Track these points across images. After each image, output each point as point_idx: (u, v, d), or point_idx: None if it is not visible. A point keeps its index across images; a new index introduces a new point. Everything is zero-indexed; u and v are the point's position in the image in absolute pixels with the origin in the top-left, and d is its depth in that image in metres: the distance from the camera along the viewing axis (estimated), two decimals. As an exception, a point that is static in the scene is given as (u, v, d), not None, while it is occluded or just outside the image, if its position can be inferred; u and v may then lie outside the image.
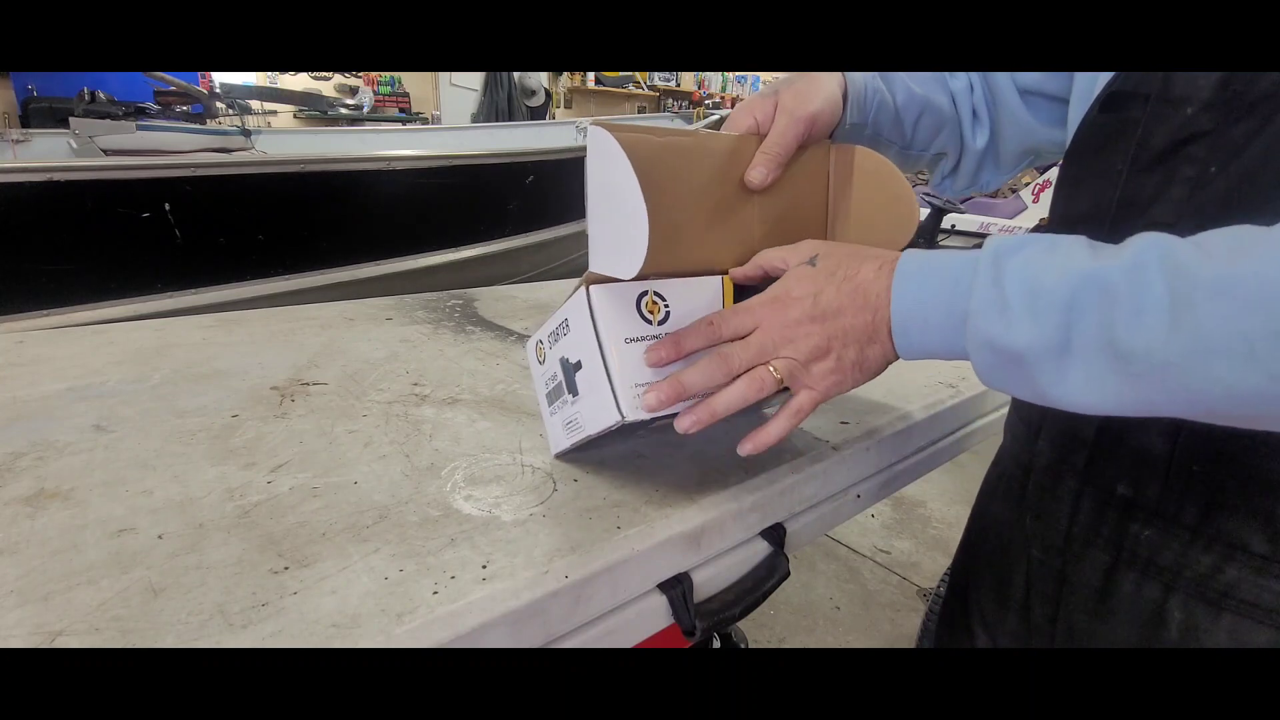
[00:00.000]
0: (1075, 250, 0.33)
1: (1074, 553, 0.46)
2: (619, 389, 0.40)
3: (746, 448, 0.42)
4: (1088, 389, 0.32)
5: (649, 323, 0.42)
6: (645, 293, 0.42)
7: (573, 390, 0.45)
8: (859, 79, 0.53)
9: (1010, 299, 0.33)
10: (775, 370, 0.40)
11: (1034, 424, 0.50)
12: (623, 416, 0.40)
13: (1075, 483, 0.46)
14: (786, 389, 0.41)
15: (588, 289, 0.41)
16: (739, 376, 0.40)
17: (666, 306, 0.43)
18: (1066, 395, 0.33)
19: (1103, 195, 0.44)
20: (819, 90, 0.48)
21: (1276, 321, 0.27)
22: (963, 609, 0.59)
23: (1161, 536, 0.41)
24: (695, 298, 0.44)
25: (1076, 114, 0.48)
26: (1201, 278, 0.28)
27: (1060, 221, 0.49)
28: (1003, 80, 0.56)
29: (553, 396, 0.47)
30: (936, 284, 0.37)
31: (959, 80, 0.59)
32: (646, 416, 0.41)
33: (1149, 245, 0.31)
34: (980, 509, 0.60)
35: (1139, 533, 0.42)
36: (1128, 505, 0.43)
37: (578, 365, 0.43)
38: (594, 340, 0.41)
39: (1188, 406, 0.30)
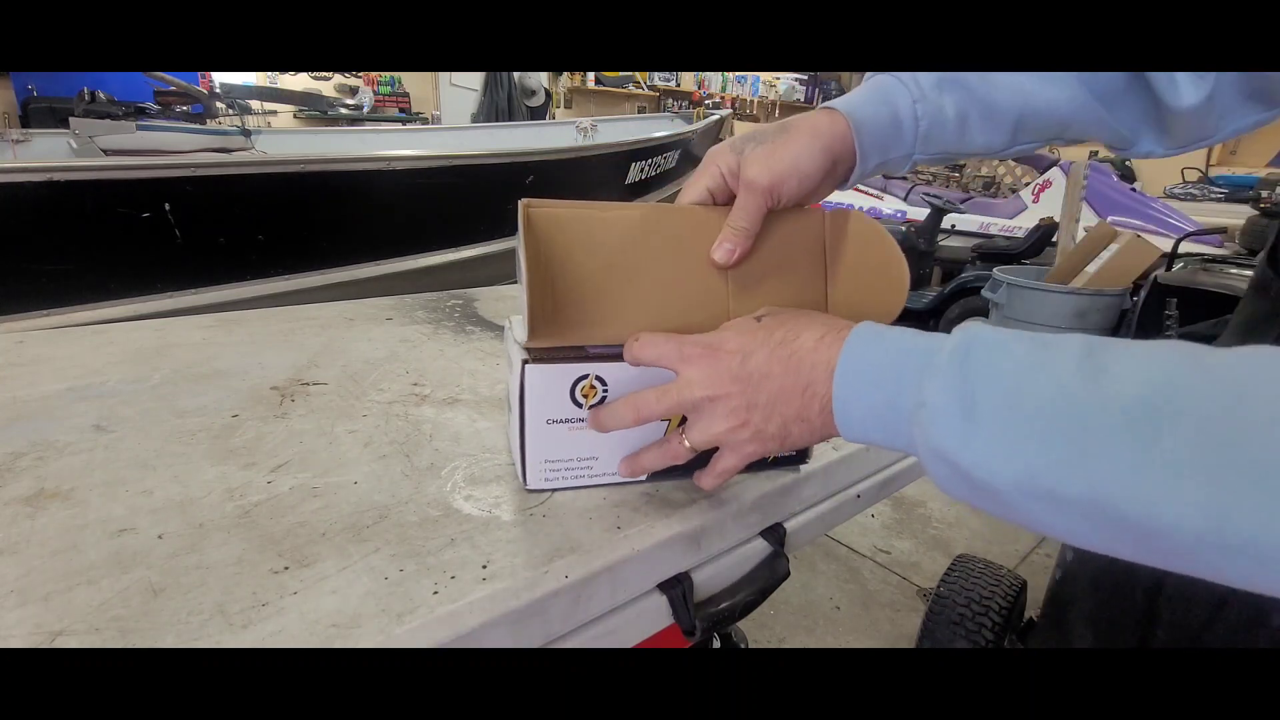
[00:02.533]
0: (1068, 362, 0.27)
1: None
2: (529, 462, 0.43)
3: (703, 483, 0.42)
4: (1070, 532, 0.28)
5: (579, 406, 0.43)
6: (585, 376, 0.42)
7: (509, 410, 0.46)
8: (883, 108, 0.45)
9: (978, 407, 0.28)
10: (687, 442, 0.39)
11: None
12: (526, 485, 0.44)
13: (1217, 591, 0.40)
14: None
15: (524, 366, 0.41)
16: (665, 440, 0.41)
17: (605, 390, 0.42)
18: (1047, 532, 0.29)
19: None
20: (788, 151, 0.42)
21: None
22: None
23: None
24: (641, 382, 0.42)
25: None
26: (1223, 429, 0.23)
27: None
28: None
29: (508, 392, 0.48)
30: (884, 364, 0.32)
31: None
32: (548, 489, 0.45)
33: (1174, 383, 0.25)
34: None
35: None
36: None
37: (510, 408, 0.45)
38: (518, 408, 0.42)
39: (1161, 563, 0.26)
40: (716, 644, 0.92)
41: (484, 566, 0.37)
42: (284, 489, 0.43)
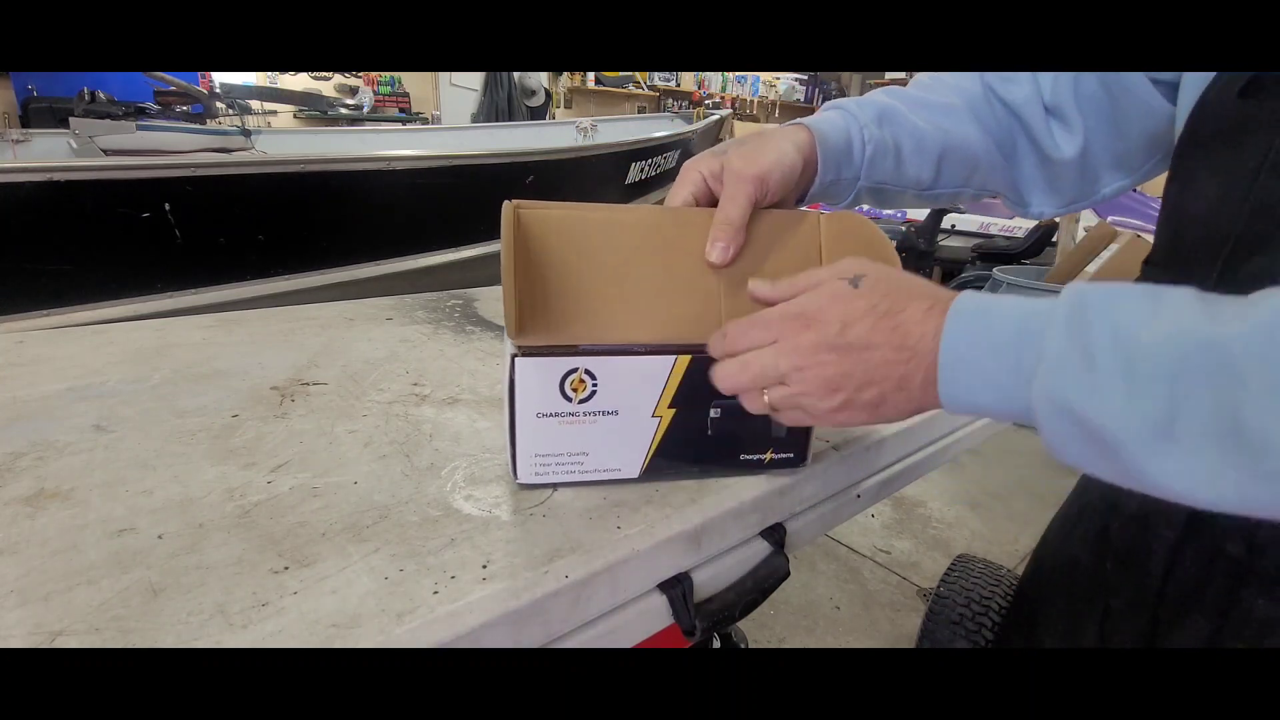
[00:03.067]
0: (1184, 306, 0.27)
1: (1167, 614, 0.40)
2: (519, 455, 0.43)
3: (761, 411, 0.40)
4: (1196, 482, 0.26)
5: (569, 400, 0.43)
6: (574, 370, 0.42)
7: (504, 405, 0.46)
8: (838, 130, 0.49)
9: (1097, 355, 0.27)
10: (766, 397, 0.38)
11: None
12: (517, 479, 0.44)
13: (1172, 534, 0.40)
14: None
15: (513, 359, 0.41)
16: (751, 394, 0.39)
17: (594, 384, 0.43)
18: (1168, 485, 0.27)
19: (1228, 196, 0.37)
20: (770, 149, 0.45)
21: None
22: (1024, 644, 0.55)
23: None
24: (631, 376, 0.43)
25: (1192, 94, 0.41)
26: None
27: (1169, 222, 0.43)
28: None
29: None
30: (999, 327, 0.31)
31: (1019, 88, 0.52)
32: (538, 483, 0.45)
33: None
34: (1054, 540, 0.55)
35: (1252, 600, 0.36)
36: (1239, 568, 0.37)
37: (504, 403, 0.45)
38: (509, 402, 0.42)
39: None
40: (716, 644, 0.92)
41: (484, 566, 0.37)
42: (284, 489, 0.43)
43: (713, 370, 0.41)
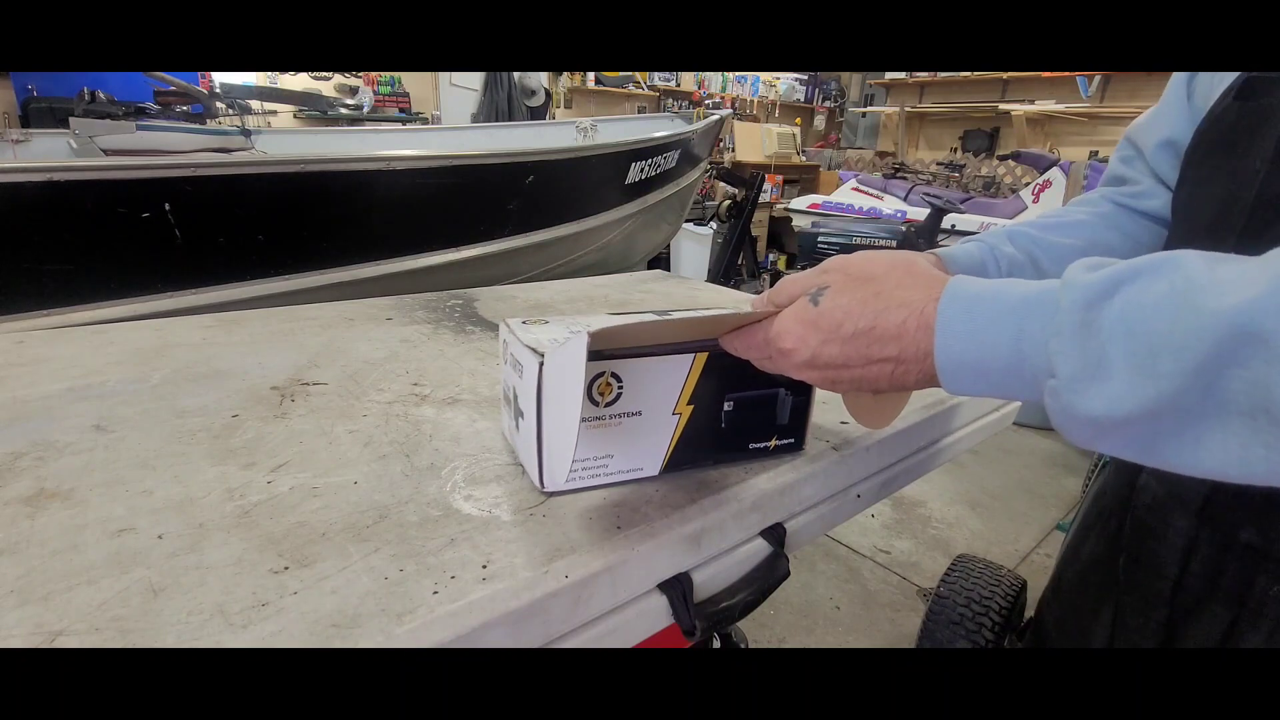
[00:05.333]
0: (1197, 279, 0.26)
1: (1185, 605, 0.40)
2: (548, 463, 0.43)
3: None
4: (1228, 459, 0.25)
5: (596, 404, 0.42)
6: (602, 373, 0.42)
7: (516, 414, 0.46)
8: (969, 254, 0.48)
9: (1111, 360, 0.26)
10: (773, 369, 0.40)
11: None
12: (544, 488, 0.44)
13: (1188, 524, 0.40)
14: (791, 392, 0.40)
15: (541, 366, 0.40)
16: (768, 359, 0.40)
17: (620, 387, 0.43)
18: (1197, 464, 0.26)
19: (1236, 195, 0.37)
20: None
21: None
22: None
23: None
24: (654, 376, 0.43)
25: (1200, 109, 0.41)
26: None
27: (1182, 233, 0.43)
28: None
29: (504, 395, 0.49)
30: (996, 325, 0.30)
31: (1152, 201, 0.51)
32: (567, 489, 0.44)
33: None
34: (1075, 544, 0.54)
35: (1268, 588, 0.36)
36: (1254, 555, 0.37)
37: (520, 413, 0.44)
38: (535, 410, 0.42)
39: None
40: (716, 644, 0.92)
41: (484, 566, 0.37)
42: (284, 489, 0.43)
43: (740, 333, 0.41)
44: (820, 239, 4.46)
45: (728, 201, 4.22)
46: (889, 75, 5.77)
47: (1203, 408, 0.25)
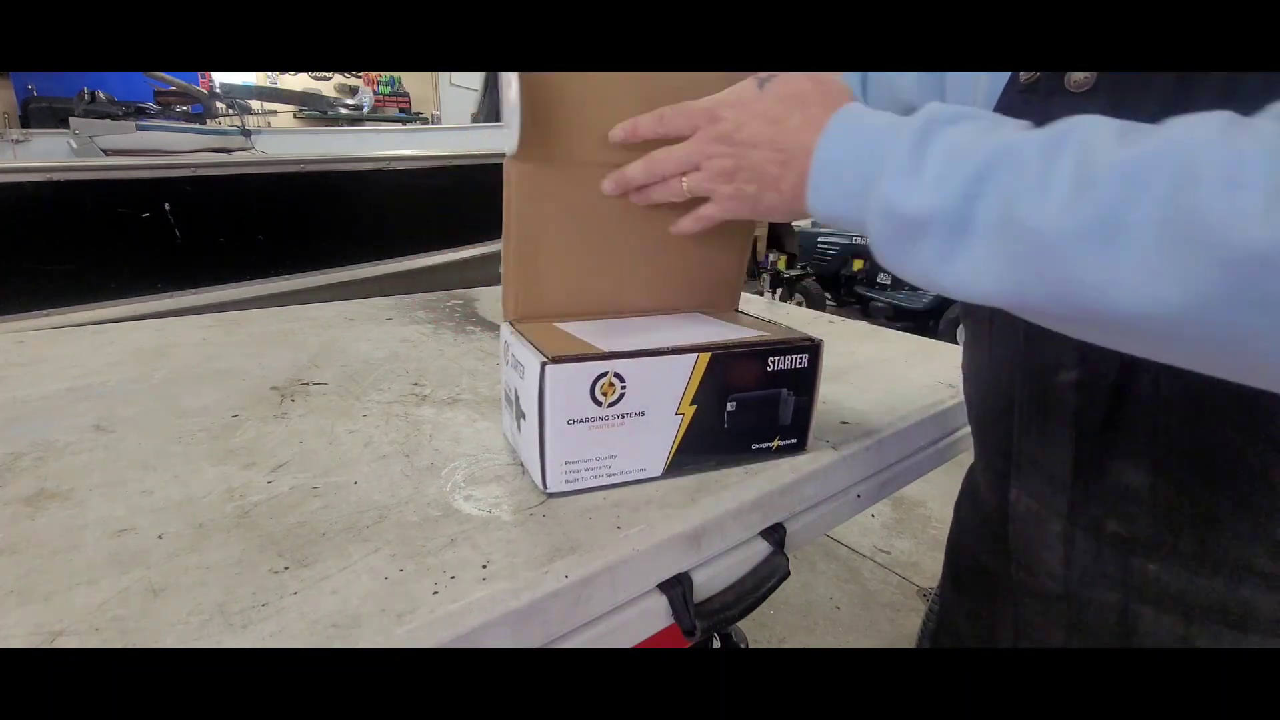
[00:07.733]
0: (1010, 125, 0.31)
1: (1082, 598, 0.43)
2: (550, 464, 0.43)
3: (682, 224, 0.47)
4: (975, 270, 0.30)
5: (599, 404, 0.43)
6: (604, 374, 0.42)
7: (517, 415, 0.46)
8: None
9: (926, 164, 0.31)
10: (685, 183, 0.44)
11: (1004, 473, 0.47)
12: (546, 489, 0.44)
13: (1061, 526, 0.43)
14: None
15: (543, 367, 0.40)
16: (667, 181, 0.45)
17: (623, 388, 0.43)
18: (953, 274, 0.31)
19: None
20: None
21: (1161, 206, 0.24)
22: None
23: (1166, 568, 0.39)
24: (657, 376, 0.44)
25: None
26: (1114, 158, 0.26)
27: None
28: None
29: (505, 395, 0.49)
30: (860, 142, 0.36)
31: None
32: (568, 490, 0.44)
33: (1077, 122, 0.28)
34: (959, 543, 0.56)
35: (1142, 566, 0.39)
36: (1123, 541, 0.40)
37: (521, 414, 0.44)
38: (536, 411, 0.42)
39: (1060, 304, 0.28)
40: (716, 644, 0.92)
41: (484, 566, 0.37)
42: (284, 489, 0.43)
43: (645, 157, 0.44)
44: (820, 239, 4.46)
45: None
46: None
47: (969, 218, 0.30)
